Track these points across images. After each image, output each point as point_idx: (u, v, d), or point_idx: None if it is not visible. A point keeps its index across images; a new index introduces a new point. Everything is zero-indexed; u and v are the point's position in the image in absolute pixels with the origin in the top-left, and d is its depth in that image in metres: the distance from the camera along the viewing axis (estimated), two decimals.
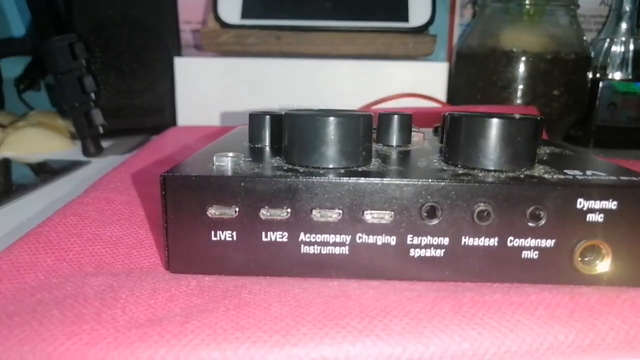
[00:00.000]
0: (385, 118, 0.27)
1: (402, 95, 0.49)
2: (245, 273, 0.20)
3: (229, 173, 0.20)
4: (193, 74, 0.51)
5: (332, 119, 0.21)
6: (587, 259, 0.20)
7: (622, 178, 0.20)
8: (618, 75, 0.59)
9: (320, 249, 0.20)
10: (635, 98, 0.57)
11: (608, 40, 0.59)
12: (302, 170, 0.20)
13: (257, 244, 0.20)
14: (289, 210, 0.20)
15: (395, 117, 0.27)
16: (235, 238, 0.20)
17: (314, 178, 0.19)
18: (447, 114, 0.23)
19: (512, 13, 0.54)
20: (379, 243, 0.20)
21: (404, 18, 0.51)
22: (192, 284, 0.19)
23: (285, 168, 0.21)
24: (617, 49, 0.59)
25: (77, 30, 0.49)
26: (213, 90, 0.52)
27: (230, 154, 0.21)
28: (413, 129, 0.30)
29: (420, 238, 0.20)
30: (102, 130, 0.45)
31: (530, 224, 0.20)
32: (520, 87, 0.53)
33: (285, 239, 0.20)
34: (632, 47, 0.59)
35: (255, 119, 0.27)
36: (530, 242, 0.20)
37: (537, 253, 0.20)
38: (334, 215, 0.20)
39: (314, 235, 0.20)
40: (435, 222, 0.20)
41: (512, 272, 0.20)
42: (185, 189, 0.20)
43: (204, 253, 0.20)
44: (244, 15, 0.51)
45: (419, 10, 0.51)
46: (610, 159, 0.46)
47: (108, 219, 0.24)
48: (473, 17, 0.66)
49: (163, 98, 0.55)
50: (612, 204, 0.19)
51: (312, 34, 0.50)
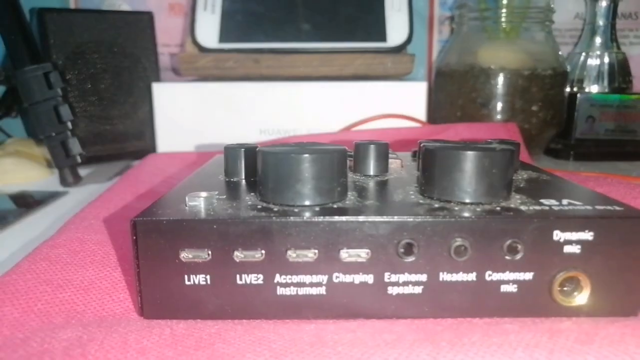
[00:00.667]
0: (362, 148, 0.27)
1: (382, 117, 0.49)
2: (221, 317, 0.20)
3: (201, 215, 0.20)
4: (171, 99, 0.51)
5: (305, 156, 0.20)
6: (566, 289, 0.20)
7: (597, 207, 0.20)
8: (595, 88, 0.60)
9: (297, 290, 0.20)
10: (613, 110, 0.58)
11: (584, 54, 0.60)
12: (276, 209, 0.20)
13: (231, 287, 0.19)
14: (264, 252, 0.19)
15: (372, 147, 0.27)
16: (209, 282, 0.19)
17: (289, 218, 0.19)
18: (421, 144, 0.23)
19: (489, 30, 0.55)
20: (357, 282, 0.20)
21: (382, 38, 0.51)
22: (165, 333, 0.18)
23: (260, 207, 0.21)
24: (592, 63, 0.60)
25: (52, 57, 0.49)
26: (192, 115, 0.51)
27: (203, 194, 0.21)
28: (390, 156, 0.30)
29: (398, 275, 0.19)
30: (79, 160, 0.44)
31: (508, 257, 0.19)
32: (500, 103, 0.53)
33: (261, 281, 0.19)
34: (607, 60, 0.60)
35: (231, 153, 0.26)
36: (509, 275, 0.20)
37: (516, 286, 0.20)
38: (310, 255, 0.19)
39: (290, 277, 0.19)
40: (412, 258, 0.19)
41: (491, 306, 0.20)
42: (157, 234, 0.19)
43: (178, 298, 0.20)
44: (222, 39, 0.51)
45: (397, 30, 0.51)
46: (590, 172, 0.46)
47: (80, 262, 0.23)
48: (451, 33, 0.67)
49: (143, 123, 0.55)
50: (588, 235, 0.19)
51: (291, 56, 0.50)
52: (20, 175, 0.48)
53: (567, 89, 0.58)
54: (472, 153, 0.21)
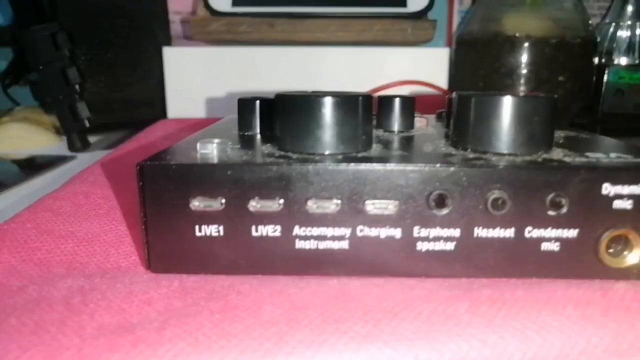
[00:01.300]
0: (386, 102, 0.25)
1: (401, 83, 0.46)
2: (235, 272, 0.18)
3: (214, 161, 0.18)
4: (183, 64, 0.49)
5: (328, 100, 0.18)
6: (614, 251, 0.18)
7: None
8: (624, 61, 0.57)
9: (317, 244, 0.18)
10: None
11: (614, 25, 0.57)
12: (295, 157, 0.18)
13: (246, 240, 0.18)
14: (282, 202, 0.18)
15: (397, 100, 0.25)
16: (222, 233, 0.18)
17: (309, 165, 0.17)
18: (454, 94, 0.21)
19: None
20: (383, 236, 0.18)
21: (402, 3, 0.48)
22: (173, 285, 0.17)
23: (277, 155, 0.19)
24: (623, 34, 0.57)
25: (60, 20, 0.47)
26: (204, 81, 0.49)
27: (216, 141, 0.19)
28: (416, 115, 0.28)
29: (428, 230, 0.18)
30: (88, 124, 0.42)
31: (551, 213, 0.18)
32: (524, 73, 0.51)
33: (278, 234, 0.18)
34: (638, 31, 0.57)
35: (245, 105, 0.24)
36: (551, 232, 0.18)
37: (558, 245, 0.18)
38: (332, 206, 0.18)
39: (310, 229, 0.18)
40: (445, 211, 0.18)
41: (530, 266, 0.18)
42: (165, 180, 0.18)
43: (188, 250, 0.18)
44: (235, 3, 0.49)
45: None
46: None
47: (84, 215, 0.22)
48: (472, 3, 0.64)
49: (154, 90, 0.53)
50: None
51: (306, 21, 0.47)
52: (28, 141, 0.47)
53: (595, 60, 0.55)
54: (511, 98, 0.19)
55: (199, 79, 0.49)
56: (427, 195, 0.18)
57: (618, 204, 0.17)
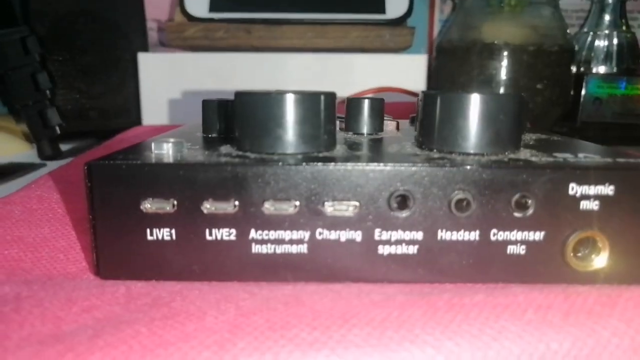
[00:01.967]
0: (355, 104, 0.24)
1: (378, 90, 0.46)
2: (188, 278, 0.17)
3: (166, 160, 0.17)
4: (158, 71, 0.48)
5: (287, 97, 0.18)
6: (581, 254, 0.17)
7: (618, 160, 0.18)
8: (602, 69, 0.57)
9: (275, 248, 0.17)
10: (620, 93, 0.55)
11: (591, 34, 0.57)
12: (253, 157, 0.18)
13: (199, 244, 0.17)
14: (237, 203, 0.17)
15: (366, 102, 0.24)
16: (175, 237, 0.17)
17: (265, 165, 0.17)
18: (421, 92, 0.20)
19: (492, 4, 0.52)
20: (343, 239, 0.17)
21: (381, 9, 0.48)
22: (119, 291, 0.16)
23: (234, 155, 0.18)
24: (600, 43, 0.57)
25: (34, 25, 0.46)
26: (180, 87, 0.49)
27: (172, 140, 0.18)
28: (386, 118, 0.27)
29: (390, 232, 0.17)
30: (59, 131, 0.41)
31: (517, 214, 0.17)
32: (503, 80, 0.51)
33: (233, 237, 0.17)
34: (616, 40, 0.57)
35: (208, 107, 0.24)
36: (517, 235, 0.17)
37: (524, 248, 0.17)
38: (290, 208, 0.17)
39: (267, 232, 0.17)
40: (407, 213, 0.17)
41: (496, 270, 0.17)
42: (115, 180, 0.17)
43: (139, 255, 0.17)
44: (212, 8, 0.48)
45: (396, 1, 0.49)
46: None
47: (36, 220, 0.21)
48: (453, 11, 0.64)
49: (129, 98, 0.52)
50: (608, 189, 0.17)
51: (284, 27, 0.47)
52: None
53: (573, 70, 0.55)
54: (477, 96, 0.18)
55: (175, 85, 0.49)
56: (388, 197, 0.17)
57: (585, 205, 0.17)
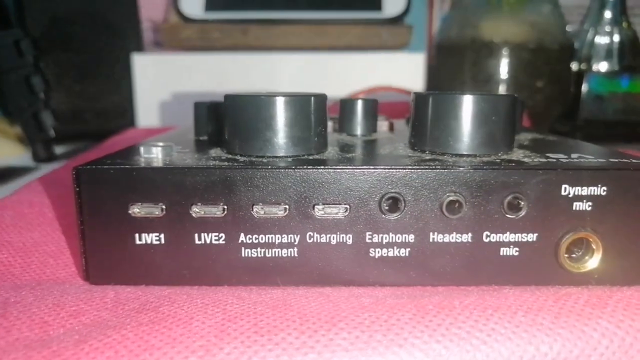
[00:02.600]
0: (348, 105, 0.24)
1: (375, 89, 0.46)
2: (177, 282, 0.17)
3: (155, 164, 0.17)
4: (153, 72, 0.48)
5: (277, 99, 0.18)
6: (574, 255, 0.17)
7: (611, 160, 0.18)
8: (603, 67, 0.57)
9: (264, 252, 0.17)
10: (622, 90, 0.54)
11: (592, 30, 0.57)
12: (242, 160, 0.18)
13: (189, 248, 0.17)
14: (226, 207, 0.17)
15: (359, 103, 0.24)
16: (164, 241, 0.17)
17: (254, 168, 0.16)
18: (412, 93, 0.20)
19: (491, 2, 0.52)
20: (333, 242, 0.17)
21: (378, 7, 0.48)
22: (108, 296, 0.16)
23: (224, 158, 0.18)
24: (601, 40, 0.57)
25: (29, 27, 0.46)
26: (175, 89, 0.48)
27: (160, 144, 0.18)
28: (382, 119, 0.27)
29: (381, 235, 0.17)
30: (53, 134, 0.41)
31: (509, 216, 0.17)
32: (502, 78, 0.51)
33: (223, 241, 0.17)
34: (617, 37, 0.57)
35: (200, 109, 0.24)
36: (509, 236, 0.17)
37: (517, 249, 0.17)
38: (280, 212, 0.17)
39: (257, 236, 0.17)
40: (398, 216, 0.17)
41: (489, 272, 0.17)
42: (103, 185, 0.17)
43: (128, 260, 0.17)
44: (208, 8, 0.48)
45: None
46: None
47: (26, 224, 0.21)
48: (451, 8, 0.64)
49: (125, 99, 0.52)
50: (601, 190, 0.17)
51: (280, 27, 0.47)
52: None
53: (574, 67, 0.55)
54: (469, 97, 0.18)
55: (170, 87, 0.48)
56: (379, 199, 0.17)
57: (578, 206, 0.17)
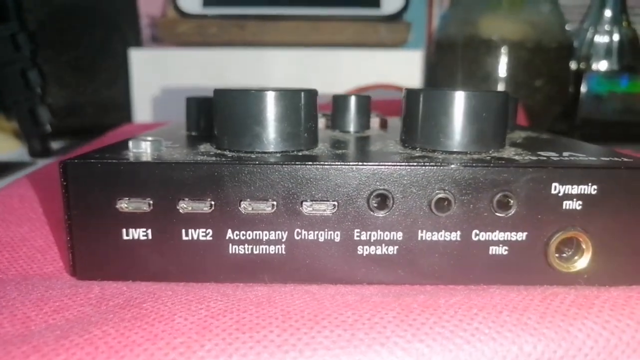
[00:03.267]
0: (341, 101, 0.24)
1: (372, 87, 0.46)
2: (164, 279, 0.17)
3: (142, 159, 0.17)
4: (150, 67, 0.48)
5: (266, 94, 0.18)
6: (565, 255, 0.17)
7: (602, 159, 0.17)
8: (603, 66, 0.57)
9: (252, 249, 0.17)
10: (621, 90, 0.54)
11: (592, 30, 0.57)
12: (230, 155, 0.17)
13: (176, 244, 0.17)
14: (213, 203, 0.16)
15: (352, 99, 0.24)
16: (151, 237, 0.17)
17: (242, 163, 0.16)
18: (404, 89, 0.20)
19: (491, 0, 0.51)
20: (321, 239, 0.17)
21: (376, 4, 0.48)
22: (93, 292, 0.15)
23: (212, 153, 0.18)
24: (601, 39, 0.57)
25: (26, 20, 0.46)
26: (172, 84, 0.48)
27: (149, 139, 0.18)
28: (377, 115, 0.27)
29: (369, 233, 0.17)
30: (49, 129, 0.41)
31: (498, 214, 0.17)
32: (501, 77, 0.50)
33: (210, 238, 0.17)
34: (616, 36, 0.56)
35: (191, 104, 0.23)
36: (499, 235, 0.17)
37: (506, 248, 0.17)
38: (267, 208, 0.17)
39: (244, 233, 0.17)
40: (386, 213, 0.17)
41: (478, 271, 0.17)
42: (90, 179, 0.17)
43: (115, 255, 0.17)
44: (206, 4, 0.48)
45: None
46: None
47: (16, 219, 0.21)
48: (451, 6, 0.64)
49: (123, 94, 0.52)
50: (591, 189, 0.16)
51: (277, 23, 0.47)
52: None
53: (573, 66, 0.55)
54: (459, 93, 0.18)
55: (167, 82, 0.48)
56: (367, 196, 0.17)
57: (568, 205, 0.17)
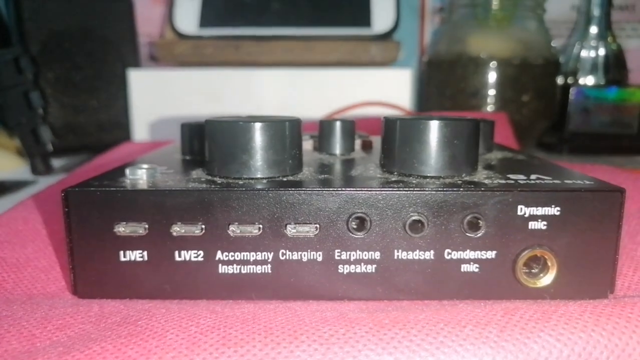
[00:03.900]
0: (326, 125, 0.26)
1: (363, 104, 0.47)
2: (159, 297, 0.18)
3: (139, 187, 0.18)
4: (148, 86, 0.50)
5: (253, 125, 0.19)
6: (534, 271, 0.18)
7: (565, 182, 0.19)
8: (590, 80, 0.58)
9: (240, 268, 0.18)
10: (608, 103, 0.56)
11: (578, 45, 0.58)
12: (220, 182, 0.19)
13: (169, 265, 0.18)
14: (204, 227, 0.18)
15: (337, 124, 0.25)
16: (146, 258, 0.18)
17: (230, 189, 0.18)
18: (383, 118, 0.21)
19: (479, 18, 0.53)
20: (304, 259, 0.18)
21: (367, 24, 0.49)
22: (92, 310, 0.17)
23: (203, 180, 0.19)
24: (587, 54, 0.58)
25: (28, 43, 0.48)
26: (170, 103, 0.50)
27: (145, 166, 0.20)
28: (363, 137, 0.28)
29: (349, 253, 0.18)
30: (51, 148, 0.43)
31: (469, 234, 0.18)
32: (489, 93, 0.52)
33: (201, 258, 0.18)
34: (602, 51, 0.58)
35: (185, 130, 0.25)
36: (470, 254, 0.18)
37: (477, 266, 0.18)
38: (254, 231, 0.18)
39: (232, 254, 0.18)
40: (364, 234, 0.18)
41: (451, 288, 0.18)
42: (90, 205, 0.18)
43: (113, 275, 0.18)
44: (202, 25, 0.50)
45: (383, 16, 0.50)
46: (583, 165, 0.44)
47: (20, 240, 0.22)
48: (441, 24, 0.65)
49: (121, 113, 0.53)
50: (554, 210, 0.18)
51: (271, 43, 0.48)
52: None
53: (560, 81, 0.56)
54: (431, 122, 0.19)
55: (165, 101, 0.50)
56: (346, 218, 0.18)
57: (533, 225, 0.18)
